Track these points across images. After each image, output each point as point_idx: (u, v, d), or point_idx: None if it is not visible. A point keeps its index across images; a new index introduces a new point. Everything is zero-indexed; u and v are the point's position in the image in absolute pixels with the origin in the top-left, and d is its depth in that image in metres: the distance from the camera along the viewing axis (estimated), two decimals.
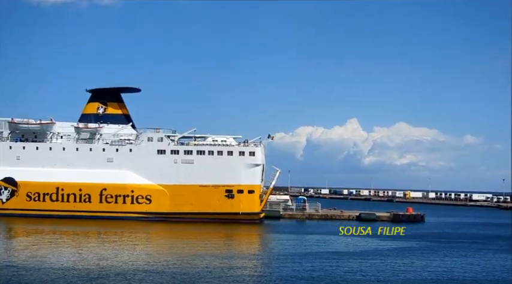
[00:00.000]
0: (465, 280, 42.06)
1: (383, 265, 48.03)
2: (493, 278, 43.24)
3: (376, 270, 45.09)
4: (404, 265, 48.11)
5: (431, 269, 46.57)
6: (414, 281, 41.22)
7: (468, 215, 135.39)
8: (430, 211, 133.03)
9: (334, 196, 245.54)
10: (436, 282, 41.07)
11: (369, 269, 45.57)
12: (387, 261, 50.21)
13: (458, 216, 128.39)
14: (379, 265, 47.93)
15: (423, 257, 54.15)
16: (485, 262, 52.33)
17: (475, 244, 67.47)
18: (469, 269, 47.44)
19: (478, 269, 47.67)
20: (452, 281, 41.67)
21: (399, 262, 49.75)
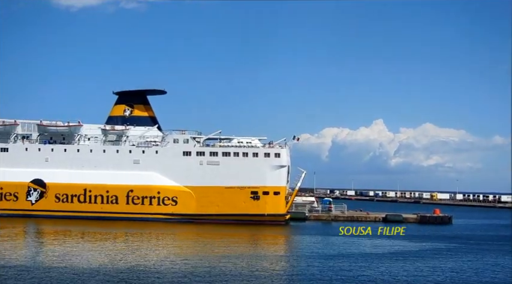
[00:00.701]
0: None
1: (411, 266, 47.50)
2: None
3: (405, 271, 44.64)
4: (432, 267, 47.50)
5: (460, 271, 45.91)
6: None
7: (497, 217, 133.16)
8: (458, 212, 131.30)
9: (360, 198, 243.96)
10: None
11: (397, 270, 45.12)
12: (416, 263, 49.66)
13: (487, 218, 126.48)
14: (408, 266, 47.41)
15: (452, 258, 53.45)
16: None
17: (506, 246, 66.32)
18: (499, 271, 46.66)
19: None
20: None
21: (428, 264, 49.17)
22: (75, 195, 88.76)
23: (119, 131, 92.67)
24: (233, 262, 47.29)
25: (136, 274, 40.48)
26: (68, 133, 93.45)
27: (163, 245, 60.15)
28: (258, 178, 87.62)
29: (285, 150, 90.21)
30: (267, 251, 58.56)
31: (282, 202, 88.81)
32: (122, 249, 54.97)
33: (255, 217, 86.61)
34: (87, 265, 43.63)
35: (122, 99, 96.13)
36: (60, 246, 55.95)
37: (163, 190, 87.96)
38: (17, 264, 43.73)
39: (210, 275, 40.41)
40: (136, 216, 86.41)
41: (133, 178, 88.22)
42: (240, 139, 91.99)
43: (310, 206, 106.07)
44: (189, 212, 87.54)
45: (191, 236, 71.63)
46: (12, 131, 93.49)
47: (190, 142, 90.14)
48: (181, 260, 48.00)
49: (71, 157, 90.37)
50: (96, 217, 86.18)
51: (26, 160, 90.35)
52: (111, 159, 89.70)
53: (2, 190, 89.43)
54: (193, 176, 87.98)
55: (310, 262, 48.85)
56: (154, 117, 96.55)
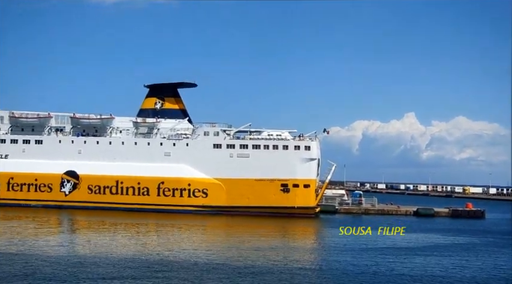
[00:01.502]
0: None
1: (447, 260, 47.06)
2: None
3: (439, 265, 44.22)
4: (466, 262, 46.97)
5: (498, 266, 45.27)
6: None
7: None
8: (491, 207, 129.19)
9: (391, 191, 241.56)
10: (506, 280, 39.90)
11: (432, 265, 44.73)
12: (452, 257, 49.21)
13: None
14: (442, 260, 46.97)
15: (486, 253, 52.72)
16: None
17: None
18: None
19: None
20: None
21: (463, 258, 48.64)
22: (107, 187, 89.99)
23: (150, 124, 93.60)
24: (264, 254, 47.45)
25: (168, 265, 40.91)
26: (100, 126, 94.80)
27: (194, 237, 60.62)
28: (288, 171, 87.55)
29: (315, 143, 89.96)
30: (297, 243, 58.60)
31: (312, 194, 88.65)
32: (153, 240, 55.65)
33: (285, 210, 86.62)
34: (121, 256, 44.21)
35: (153, 92, 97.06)
36: (94, 237, 56.87)
37: (193, 183, 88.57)
38: (53, 254, 44.62)
39: (241, 267, 40.59)
40: (167, 208, 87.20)
41: (164, 171, 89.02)
42: (270, 131, 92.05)
43: (340, 199, 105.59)
44: (219, 204, 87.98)
45: (221, 228, 72.08)
46: (46, 124, 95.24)
47: (221, 134, 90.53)
48: (212, 252, 48.38)
49: (103, 149, 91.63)
50: (128, 208, 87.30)
51: (59, 152, 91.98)
52: (142, 151, 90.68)
53: (37, 182, 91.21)
54: (224, 168, 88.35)
55: (340, 255, 48.72)
56: (185, 109, 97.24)
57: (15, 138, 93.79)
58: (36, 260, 41.14)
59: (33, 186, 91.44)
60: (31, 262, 40.30)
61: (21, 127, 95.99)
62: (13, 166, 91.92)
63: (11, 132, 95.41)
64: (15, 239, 52.32)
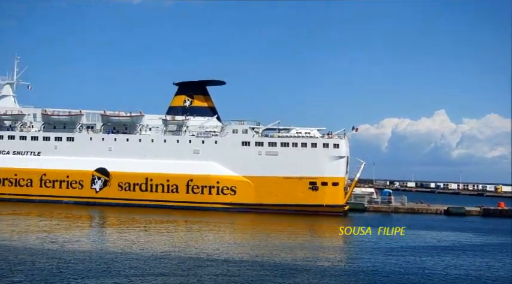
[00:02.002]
0: None
1: (479, 260, 46.40)
2: None
3: (473, 265, 43.62)
4: (499, 262, 46.23)
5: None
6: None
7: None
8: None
9: (421, 189, 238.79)
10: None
11: (464, 264, 44.15)
12: (484, 257, 48.51)
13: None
14: (475, 260, 46.31)
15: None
16: None
17: None
18: None
19: None
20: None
21: (495, 258, 47.89)
22: (137, 184, 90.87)
23: (179, 121, 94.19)
24: (293, 252, 47.39)
25: (198, 262, 41.12)
26: (130, 123, 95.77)
27: (222, 234, 60.84)
28: (316, 169, 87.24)
29: (344, 141, 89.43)
30: (326, 242, 58.33)
31: (340, 193, 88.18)
32: (183, 237, 55.96)
33: (314, 208, 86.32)
34: (151, 252, 44.61)
35: (182, 89, 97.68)
36: (125, 233, 57.53)
37: (222, 180, 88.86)
38: (85, 250, 45.26)
39: (271, 265, 40.59)
40: (195, 205, 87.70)
41: (193, 168, 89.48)
42: (299, 129, 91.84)
43: (369, 197, 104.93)
44: (248, 202, 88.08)
45: (250, 226, 72.14)
46: (77, 121, 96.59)
47: (249, 132, 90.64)
48: (241, 249, 48.49)
49: (133, 146, 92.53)
50: (157, 205, 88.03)
51: (90, 150, 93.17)
52: (171, 149, 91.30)
53: (68, 178, 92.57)
54: (252, 166, 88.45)
55: (370, 253, 48.37)
56: (214, 107, 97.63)
57: (47, 135, 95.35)
58: (69, 256, 41.77)
59: (64, 183, 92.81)
60: (64, 258, 40.93)
61: (53, 124, 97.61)
62: (45, 163, 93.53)
63: (43, 129, 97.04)
64: (48, 236, 53.19)
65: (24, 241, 48.84)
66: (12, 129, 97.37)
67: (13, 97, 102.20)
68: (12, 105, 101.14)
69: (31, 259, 39.84)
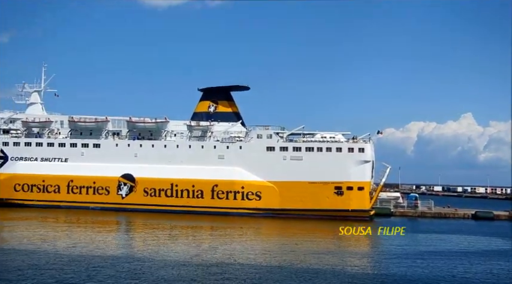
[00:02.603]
0: None
1: (508, 265, 45.61)
2: None
3: (504, 271, 42.91)
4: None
5: None
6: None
7: None
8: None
9: (448, 194, 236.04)
10: None
11: (494, 269, 43.46)
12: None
13: None
14: (504, 265, 45.55)
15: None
16: None
17: None
18: None
19: None
20: None
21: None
22: (163, 189, 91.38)
23: (204, 127, 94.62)
24: (319, 257, 47.11)
25: (225, 267, 41.14)
26: (155, 129, 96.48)
27: (248, 240, 60.74)
28: (341, 173, 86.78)
29: (369, 145, 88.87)
30: (352, 247, 57.90)
31: (366, 197, 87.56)
32: (209, 243, 56.08)
33: (339, 213, 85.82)
34: (179, 258, 44.82)
35: (206, 95, 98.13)
36: (152, 239, 57.79)
37: (247, 185, 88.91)
38: (113, 256, 45.60)
39: (299, 271, 40.48)
40: (220, 210, 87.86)
41: (218, 173, 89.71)
42: (323, 134, 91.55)
43: (395, 202, 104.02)
44: (273, 207, 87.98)
45: (275, 231, 72.03)
46: (103, 127, 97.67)
47: (274, 137, 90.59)
48: (268, 254, 48.36)
49: (158, 152, 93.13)
50: (182, 211, 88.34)
51: (116, 156, 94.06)
52: (196, 154, 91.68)
53: (95, 184, 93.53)
54: (277, 171, 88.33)
55: (398, 258, 47.91)
56: (238, 112, 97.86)
57: (74, 142, 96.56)
58: (97, 262, 42.15)
59: (91, 189, 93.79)
60: (93, 263, 41.33)
61: (80, 131, 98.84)
62: (72, 170, 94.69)
63: (70, 136, 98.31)
64: (77, 241, 53.79)
65: (53, 247, 49.45)
66: (40, 136, 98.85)
67: (41, 104, 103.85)
68: (40, 112, 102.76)
69: (60, 265, 40.30)
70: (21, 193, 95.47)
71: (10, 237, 57.46)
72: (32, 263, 40.82)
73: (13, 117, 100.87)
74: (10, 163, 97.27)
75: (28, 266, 39.38)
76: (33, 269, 38.37)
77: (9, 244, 50.90)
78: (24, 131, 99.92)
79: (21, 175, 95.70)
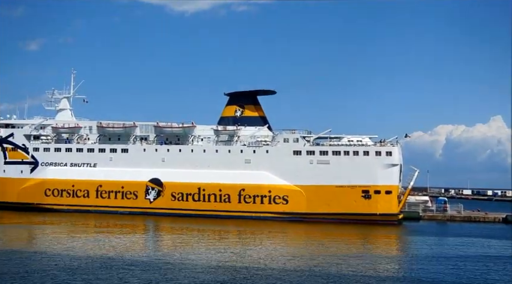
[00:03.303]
0: None
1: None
2: None
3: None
4: None
5: None
6: None
7: None
8: None
9: (477, 197, 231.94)
10: None
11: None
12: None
13: None
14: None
15: None
16: None
17: None
18: None
19: None
20: None
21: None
22: (190, 194, 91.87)
23: (231, 131, 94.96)
24: (349, 262, 46.85)
25: (253, 272, 41.20)
26: (182, 134, 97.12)
27: (276, 244, 60.76)
28: (369, 177, 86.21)
29: (397, 148, 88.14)
30: (382, 251, 57.51)
31: (394, 201, 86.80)
32: (236, 247, 56.13)
33: (367, 217, 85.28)
34: (206, 262, 45.03)
35: (233, 100, 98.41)
36: (180, 243, 58.12)
37: (274, 189, 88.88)
38: (143, 260, 46.03)
39: (330, 275, 40.31)
40: (248, 215, 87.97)
41: (245, 177, 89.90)
42: (350, 137, 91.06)
43: (424, 205, 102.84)
44: (300, 211, 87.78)
45: (303, 235, 71.87)
46: (131, 133, 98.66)
47: (300, 141, 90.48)
48: (296, 259, 48.34)
49: (185, 157, 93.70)
50: (210, 215, 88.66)
51: (144, 161, 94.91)
52: (223, 159, 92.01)
53: (123, 189, 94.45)
54: (304, 175, 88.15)
55: (426, 263, 47.41)
56: (265, 116, 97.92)
57: (102, 147, 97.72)
58: (128, 265, 42.60)
59: (119, 193, 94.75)
60: (124, 267, 41.77)
61: (108, 136, 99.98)
62: (101, 174, 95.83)
63: (99, 141, 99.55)
64: (107, 246, 54.42)
65: (84, 251, 50.09)
66: (70, 142, 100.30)
67: (70, 110, 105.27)
68: (69, 118, 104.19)
69: (92, 269, 40.83)
70: (51, 197, 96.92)
71: (42, 241, 58.47)
72: (65, 266, 41.41)
73: (43, 123, 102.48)
74: (40, 168, 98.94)
75: (62, 270, 39.97)
76: (66, 273, 38.95)
77: (42, 248, 51.75)
78: (54, 137, 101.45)
79: (52, 180, 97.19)
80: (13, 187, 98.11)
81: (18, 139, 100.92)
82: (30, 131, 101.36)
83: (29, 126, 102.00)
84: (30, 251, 49.46)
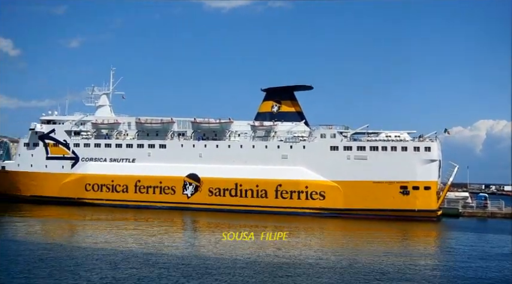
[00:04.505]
0: None
1: None
2: None
3: None
4: None
5: None
6: None
7: None
8: None
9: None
10: None
11: None
12: None
13: None
14: None
15: None
16: None
17: None
18: None
19: None
20: None
21: None
22: (227, 189, 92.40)
23: (267, 127, 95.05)
24: (386, 258, 46.54)
25: (292, 268, 41.30)
26: (219, 130, 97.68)
27: (315, 240, 60.77)
28: (407, 173, 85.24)
29: (436, 144, 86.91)
30: (420, 248, 56.90)
31: (433, 197, 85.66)
32: (274, 243, 56.19)
33: (405, 213, 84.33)
34: (245, 257, 45.31)
35: (269, 95, 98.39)
36: (217, 238, 58.43)
37: (311, 185, 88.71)
38: (181, 255, 46.62)
39: (367, 271, 40.17)
40: (284, 210, 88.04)
41: (282, 173, 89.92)
42: (388, 133, 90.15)
43: (463, 202, 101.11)
44: (337, 207, 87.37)
45: (341, 231, 71.59)
46: (169, 128, 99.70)
47: (338, 136, 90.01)
48: (337, 255, 48.20)
49: (222, 152, 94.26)
50: (247, 210, 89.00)
51: (181, 156, 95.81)
52: (260, 154, 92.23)
53: (161, 184, 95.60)
54: (341, 171, 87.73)
55: (468, 261, 46.73)
56: (302, 112, 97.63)
57: (141, 142, 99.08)
58: (166, 261, 43.21)
59: (158, 189, 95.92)
60: (161, 262, 42.38)
61: (147, 132, 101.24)
62: (140, 170, 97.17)
63: (137, 137, 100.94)
64: (145, 240, 55.25)
65: (125, 245, 50.99)
66: (109, 137, 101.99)
67: (109, 106, 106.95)
68: (109, 114, 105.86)
69: (135, 264, 41.55)
70: (91, 192, 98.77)
71: (85, 236, 59.69)
72: (109, 260, 42.24)
73: (83, 119, 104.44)
74: (81, 163, 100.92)
75: (105, 264, 40.80)
76: (104, 266, 39.74)
77: (85, 243, 52.88)
78: (93, 133, 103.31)
79: (92, 175, 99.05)
80: (55, 182, 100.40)
81: (59, 135, 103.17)
82: (71, 127, 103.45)
83: (70, 122, 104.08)
84: (74, 245, 50.71)
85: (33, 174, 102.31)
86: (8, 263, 40.43)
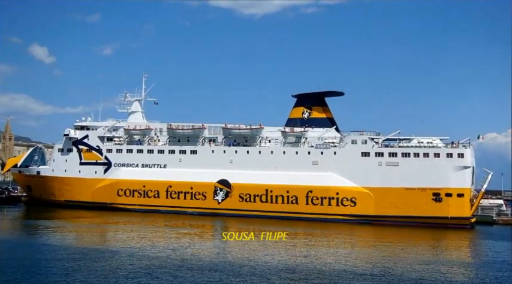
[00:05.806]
0: None
1: None
2: None
3: None
4: None
5: None
6: None
7: None
8: None
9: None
10: None
11: None
12: None
13: None
14: None
15: None
16: None
17: None
18: None
19: None
20: None
21: None
22: (258, 195, 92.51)
23: (298, 133, 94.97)
24: (418, 266, 46.12)
25: (323, 276, 41.23)
26: (250, 136, 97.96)
27: (345, 247, 60.40)
28: (439, 180, 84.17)
29: (469, 150, 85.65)
30: (452, 257, 56.12)
31: (466, 204, 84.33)
32: (306, 249, 56.20)
33: (437, 220, 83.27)
34: (276, 264, 45.37)
35: (300, 101, 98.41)
36: (248, 244, 58.53)
37: (341, 191, 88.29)
38: (210, 260, 46.89)
39: (397, 281, 39.84)
40: (315, 216, 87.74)
41: (313, 179, 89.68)
42: (420, 139, 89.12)
43: (498, 209, 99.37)
44: (368, 213, 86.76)
45: (372, 238, 71.02)
46: (200, 134, 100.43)
47: (369, 143, 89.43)
48: (367, 262, 47.96)
49: (253, 158, 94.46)
50: (277, 216, 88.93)
51: (212, 162, 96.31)
52: (290, 160, 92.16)
53: (192, 190, 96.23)
54: (372, 177, 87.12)
55: (503, 270, 45.96)
56: (332, 118, 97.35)
57: (172, 148, 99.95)
58: (193, 265, 43.52)
59: (189, 194, 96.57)
60: (189, 265, 42.69)
61: (178, 138, 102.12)
62: (171, 175, 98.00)
63: (168, 142, 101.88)
64: (174, 245, 55.70)
65: (159, 250, 51.49)
66: (141, 143, 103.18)
67: (141, 113, 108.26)
68: (141, 120, 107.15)
69: (170, 269, 41.95)
70: (123, 197, 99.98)
71: (118, 240, 60.43)
72: (142, 265, 42.74)
73: (116, 125, 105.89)
74: (113, 169, 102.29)
75: (140, 266, 41.29)
76: (147, 272, 40.21)
77: (118, 247, 53.54)
78: (126, 138, 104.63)
79: (124, 180, 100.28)
80: (88, 187, 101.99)
81: (92, 141, 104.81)
82: (103, 133, 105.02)
83: (103, 128, 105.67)
84: (110, 249, 51.46)
85: (67, 179, 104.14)
86: (46, 267, 41.23)
